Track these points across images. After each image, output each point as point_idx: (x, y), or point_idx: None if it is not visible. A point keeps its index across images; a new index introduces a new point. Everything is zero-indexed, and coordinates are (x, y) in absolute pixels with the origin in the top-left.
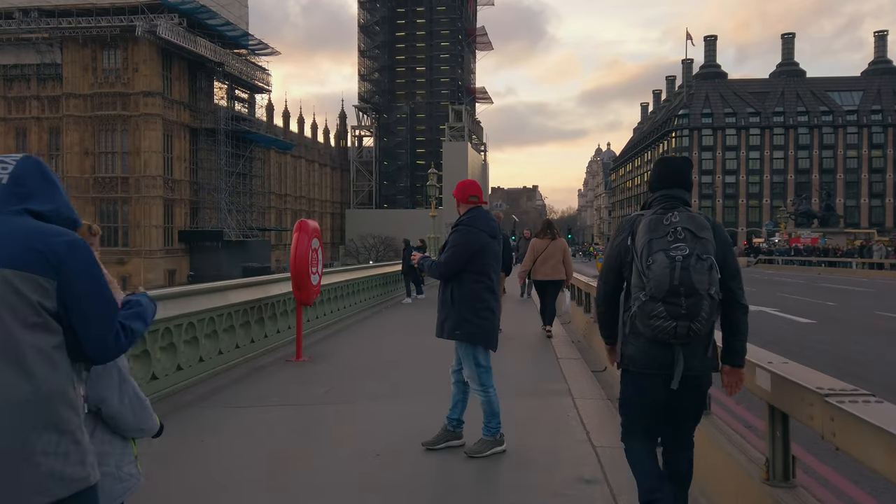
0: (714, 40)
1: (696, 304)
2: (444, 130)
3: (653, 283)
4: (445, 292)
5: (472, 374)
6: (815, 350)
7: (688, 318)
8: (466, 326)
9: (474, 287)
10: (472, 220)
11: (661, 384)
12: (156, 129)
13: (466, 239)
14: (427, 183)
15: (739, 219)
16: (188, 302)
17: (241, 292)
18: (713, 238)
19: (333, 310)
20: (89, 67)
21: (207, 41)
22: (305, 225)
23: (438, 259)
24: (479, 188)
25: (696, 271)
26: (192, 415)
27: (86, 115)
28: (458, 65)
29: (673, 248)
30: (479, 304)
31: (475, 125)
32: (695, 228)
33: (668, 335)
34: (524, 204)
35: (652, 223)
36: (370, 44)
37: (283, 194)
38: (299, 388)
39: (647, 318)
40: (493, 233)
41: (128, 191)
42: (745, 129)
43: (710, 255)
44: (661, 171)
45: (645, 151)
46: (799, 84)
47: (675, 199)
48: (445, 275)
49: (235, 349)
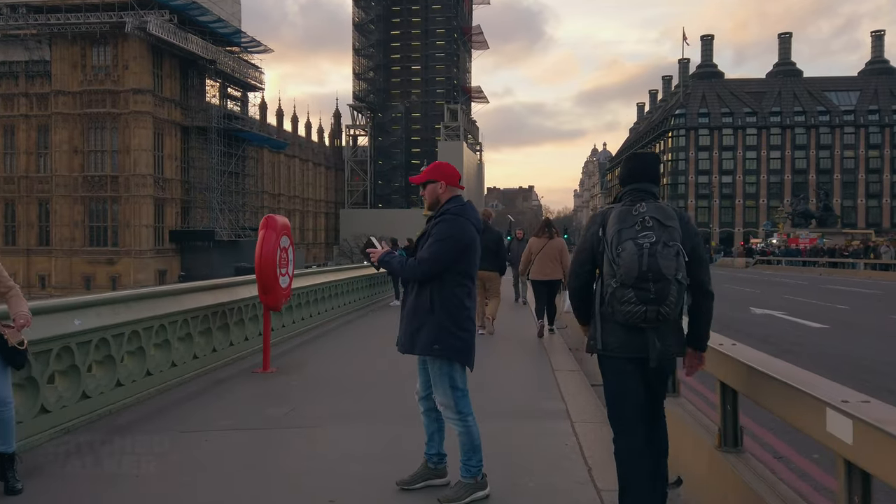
0: (711, 40)
1: (664, 288)
2: (440, 130)
3: (622, 269)
4: (422, 296)
5: (446, 401)
6: (834, 358)
7: (656, 303)
8: (448, 339)
9: (457, 292)
10: (462, 209)
11: (636, 366)
12: (146, 127)
13: (457, 231)
14: None
15: (736, 219)
16: (135, 307)
17: (203, 296)
18: (679, 227)
19: (311, 314)
20: (78, 64)
21: (199, 38)
22: (272, 221)
23: (421, 255)
24: None
25: (663, 257)
26: (122, 443)
27: (75, 112)
28: (454, 64)
29: (641, 237)
30: (462, 312)
31: (471, 125)
32: (662, 217)
33: (639, 319)
34: (520, 204)
35: (621, 214)
36: (365, 42)
37: (277, 194)
38: (259, 407)
39: (619, 304)
40: (480, 228)
41: (117, 190)
42: (742, 129)
43: (677, 242)
44: (630, 167)
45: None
46: (796, 84)
47: (643, 192)
48: (429, 274)
49: (193, 360)
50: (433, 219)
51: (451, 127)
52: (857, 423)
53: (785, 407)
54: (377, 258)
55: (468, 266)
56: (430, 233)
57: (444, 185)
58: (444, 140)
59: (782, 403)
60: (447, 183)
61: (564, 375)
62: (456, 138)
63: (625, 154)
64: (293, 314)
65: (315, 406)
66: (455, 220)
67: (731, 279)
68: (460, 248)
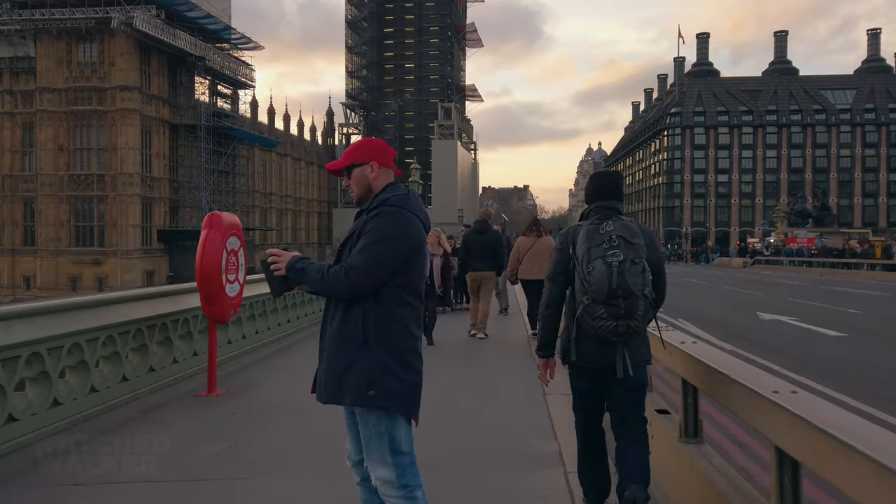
0: (706, 38)
1: (633, 304)
2: (434, 128)
3: (594, 287)
4: (351, 321)
5: (386, 473)
6: (863, 375)
7: (626, 318)
8: (388, 382)
9: (400, 314)
10: (404, 200)
11: (602, 376)
12: (133, 124)
13: (399, 229)
14: (409, 179)
15: (732, 218)
16: (40, 324)
17: (135, 307)
18: (644, 244)
19: (270, 326)
20: (64, 61)
21: (187, 34)
22: (217, 219)
23: (349, 261)
24: None
25: (631, 274)
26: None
27: (60, 110)
28: (448, 62)
29: (609, 255)
30: (407, 342)
31: (465, 123)
32: (628, 236)
33: (611, 333)
34: (515, 203)
35: (589, 233)
36: (358, 40)
37: (268, 193)
38: (190, 442)
39: (591, 320)
40: (428, 225)
41: (104, 189)
42: (738, 128)
43: (643, 259)
44: (596, 185)
45: (637, 150)
46: (792, 82)
47: (609, 210)
48: (360, 288)
49: (121, 383)
50: (364, 213)
51: (445, 125)
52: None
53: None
54: (284, 263)
55: (415, 278)
56: (362, 231)
57: (376, 168)
58: (438, 139)
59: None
60: (380, 164)
61: (557, 401)
62: (450, 137)
63: (621, 154)
64: (245, 327)
65: (260, 441)
66: (397, 214)
67: (731, 280)
68: (404, 252)
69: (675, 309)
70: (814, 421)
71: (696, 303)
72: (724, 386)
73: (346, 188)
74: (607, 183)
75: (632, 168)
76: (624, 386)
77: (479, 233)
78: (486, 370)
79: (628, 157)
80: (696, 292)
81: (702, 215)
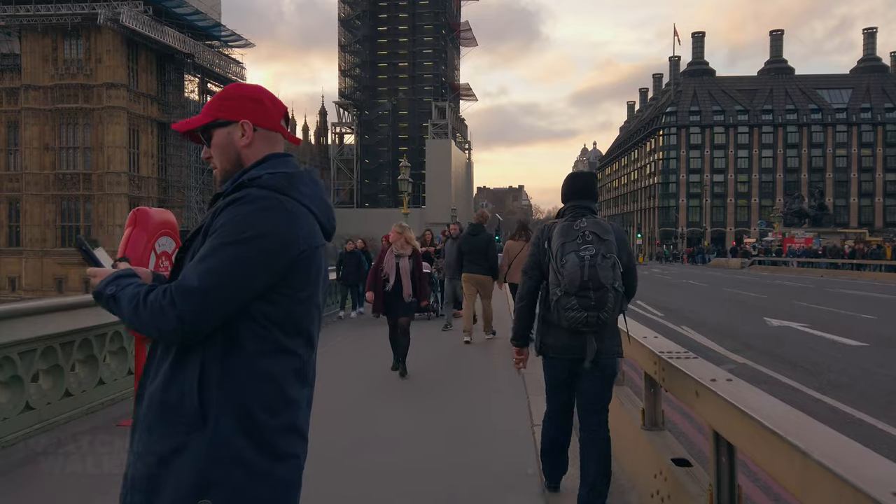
0: (702, 37)
1: (603, 296)
2: (427, 128)
3: (566, 279)
4: (179, 379)
5: None
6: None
7: (596, 309)
8: (236, 485)
9: (269, 368)
10: (285, 182)
11: (574, 367)
12: (120, 122)
13: (268, 227)
14: (399, 177)
15: (728, 218)
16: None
17: (46, 319)
18: (615, 240)
19: None
20: (49, 58)
21: (176, 31)
22: (143, 216)
23: (181, 279)
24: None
25: (602, 268)
26: None
27: (46, 108)
28: (442, 60)
29: (582, 249)
30: (278, 419)
31: (459, 123)
32: (600, 232)
33: (581, 324)
34: (510, 204)
35: (564, 229)
36: (351, 38)
37: None
38: (80, 497)
39: (564, 311)
40: (330, 224)
41: (90, 188)
42: (734, 127)
43: (613, 254)
44: (570, 186)
45: (632, 150)
46: (788, 82)
47: (583, 209)
48: (193, 324)
49: (23, 413)
50: (220, 200)
51: (439, 125)
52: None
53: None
54: (99, 282)
55: (298, 306)
56: (209, 229)
57: (250, 129)
58: (432, 138)
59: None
60: (257, 123)
61: None
62: (444, 136)
63: (616, 153)
64: None
65: None
66: (267, 201)
67: (731, 282)
68: (276, 264)
69: (676, 314)
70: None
71: (697, 307)
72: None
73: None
74: (581, 183)
75: (627, 168)
76: (593, 375)
77: (473, 234)
78: (456, 397)
79: (623, 157)
80: (697, 295)
81: (697, 215)
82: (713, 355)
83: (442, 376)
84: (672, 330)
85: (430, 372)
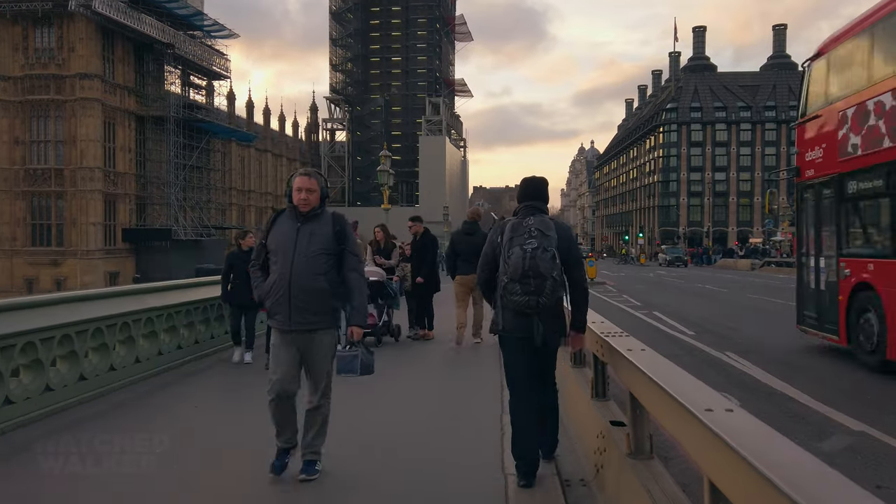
0: (703, 31)
1: (542, 283)
2: (421, 124)
3: (511, 268)
4: None
5: None
6: None
7: (536, 294)
8: None
9: None
10: None
11: (524, 344)
12: (94, 115)
13: None
14: (378, 168)
15: (730, 218)
16: None
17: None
18: (556, 236)
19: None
20: (20, 46)
21: (154, 19)
22: None
23: None
24: None
25: (541, 260)
26: None
27: (16, 99)
28: (436, 55)
29: (526, 243)
30: None
31: (454, 119)
32: (543, 228)
33: (524, 307)
34: (507, 203)
35: (514, 226)
36: (342, 32)
37: (247, 190)
38: None
39: (510, 295)
40: None
41: (63, 184)
42: (736, 124)
43: (553, 248)
44: (524, 189)
45: (631, 147)
46: (791, 77)
47: (533, 208)
48: None
49: None
50: None
51: (433, 121)
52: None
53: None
54: None
55: None
56: None
57: None
58: (426, 135)
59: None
60: None
61: None
62: (438, 133)
63: (614, 152)
64: None
65: None
66: None
67: (751, 287)
68: None
69: (711, 333)
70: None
71: (733, 322)
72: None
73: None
74: (533, 187)
75: (626, 166)
76: (541, 351)
77: (468, 234)
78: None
79: (622, 155)
80: (722, 304)
81: (698, 214)
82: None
83: None
84: (717, 360)
85: None
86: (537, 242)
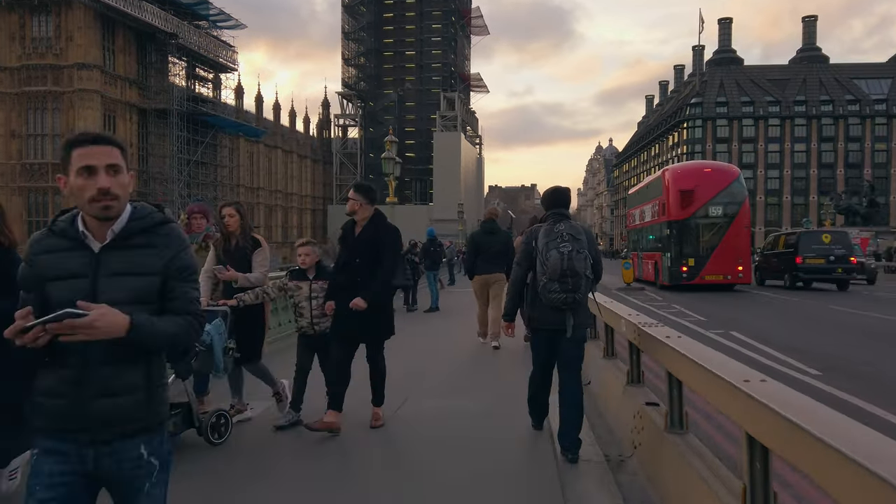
0: (729, 23)
1: (578, 282)
2: (436, 120)
3: (550, 269)
4: None
5: None
6: None
7: (573, 291)
8: None
9: None
10: None
11: (555, 336)
12: (93, 107)
13: None
14: (383, 155)
15: (757, 217)
16: None
17: None
18: (585, 240)
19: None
20: (16, 36)
21: (156, 7)
22: None
23: None
24: None
25: (577, 260)
26: None
27: (12, 91)
28: (451, 49)
29: (561, 247)
30: None
31: (469, 115)
32: (574, 233)
33: (561, 303)
34: (522, 203)
35: (547, 231)
36: (355, 25)
37: (255, 187)
38: None
39: (548, 293)
40: None
41: None
42: (764, 119)
43: (585, 250)
44: (550, 198)
45: (652, 144)
46: (822, 71)
47: (560, 215)
48: None
49: None
50: None
51: (448, 117)
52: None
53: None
54: None
55: None
56: None
57: None
58: (441, 131)
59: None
60: None
61: None
62: (453, 129)
63: (634, 149)
64: None
65: None
66: None
67: (820, 295)
68: None
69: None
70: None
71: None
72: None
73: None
74: (559, 196)
75: (647, 164)
76: (570, 341)
77: (489, 233)
78: None
79: (642, 153)
80: (806, 322)
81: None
82: None
83: None
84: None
85: None
86: (571, 245)
